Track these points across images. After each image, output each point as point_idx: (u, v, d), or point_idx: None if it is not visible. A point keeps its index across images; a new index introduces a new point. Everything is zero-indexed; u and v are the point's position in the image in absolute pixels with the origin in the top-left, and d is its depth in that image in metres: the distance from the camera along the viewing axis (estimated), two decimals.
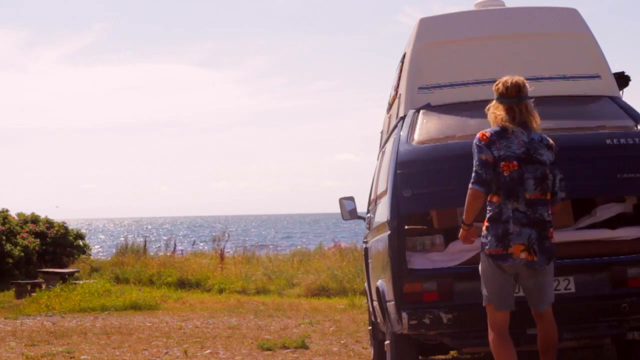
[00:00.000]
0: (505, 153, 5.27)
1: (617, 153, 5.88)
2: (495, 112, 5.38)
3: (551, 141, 5.39)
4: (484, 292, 5.37)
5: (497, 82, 5.44)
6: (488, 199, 5.34)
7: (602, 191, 5.99)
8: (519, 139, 5.30)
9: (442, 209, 6.26)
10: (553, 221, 5.37)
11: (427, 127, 6.37)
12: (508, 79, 5.37)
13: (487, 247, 5.31)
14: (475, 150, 5.31)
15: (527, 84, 5.37)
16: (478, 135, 5.34)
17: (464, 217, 5.37)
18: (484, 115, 5.50)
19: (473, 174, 5.27)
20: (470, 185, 5.26)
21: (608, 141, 5.91)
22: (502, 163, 5.26)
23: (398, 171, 6.00)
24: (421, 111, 6.55)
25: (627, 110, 6.33)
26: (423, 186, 5.95)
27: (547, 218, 5.29)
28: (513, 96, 5.33)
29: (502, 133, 5.30)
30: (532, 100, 5.40)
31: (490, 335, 5.30)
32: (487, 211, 5.35)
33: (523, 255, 5.24)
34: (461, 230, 5.45)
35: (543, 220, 5.27)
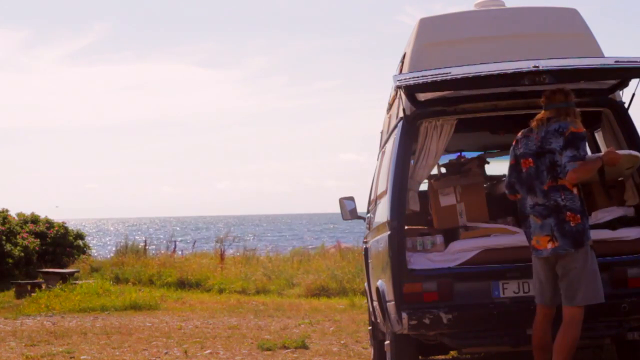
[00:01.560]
0: (523, 150, 5.71)
1: None
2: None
3: (568, 129, 5.53)
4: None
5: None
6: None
7: None
8: (537, 135, 5.65)
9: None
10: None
11: None
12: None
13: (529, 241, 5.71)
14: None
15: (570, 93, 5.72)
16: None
17: None
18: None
19: (505, 178, 5.93)
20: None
21: None
22: (522, 160, 5.71)
23: None
24: None
25: None
26: None
27: (562, 202, 5.49)
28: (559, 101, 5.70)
29: (528, 132, 5.75)
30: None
31: None
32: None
33: (550, 245, 5.48)
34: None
35: (558, 205, 5.49)
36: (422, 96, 6.36)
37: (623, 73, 6.05)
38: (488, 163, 7.75)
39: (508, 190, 5.85)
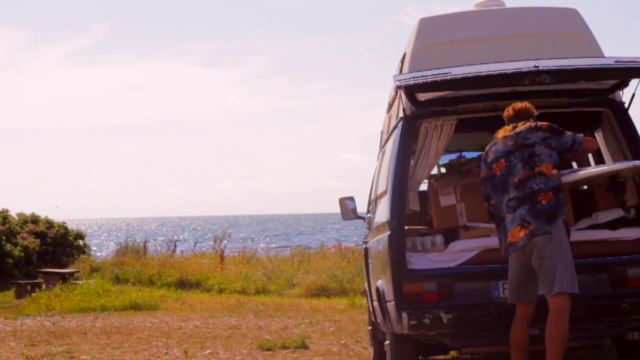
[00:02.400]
0: (494, 156, 5.76)
1: None
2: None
3: (543, 123, 5.71)
4: None
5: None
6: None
7: None
8: (506, 139, 5.74)
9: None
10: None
11: None
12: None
13: (503, 251, 5.70)
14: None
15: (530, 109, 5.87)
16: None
17: None
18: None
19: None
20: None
21: None
22: (493, 165, 5.74)
23: None
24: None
25: None
26: None
27: (536, 187, 5.54)
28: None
29: (493, 143, 5.84)
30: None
31: None
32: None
33: (522, 233, 5.50)
34: None
35: (532, 191, 5.53)
36: (422, 96, 6.36)
37: (623, 73, 6.05)
38: None
39: (485, 202, 5.89)
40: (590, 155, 7.52)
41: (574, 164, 7.72)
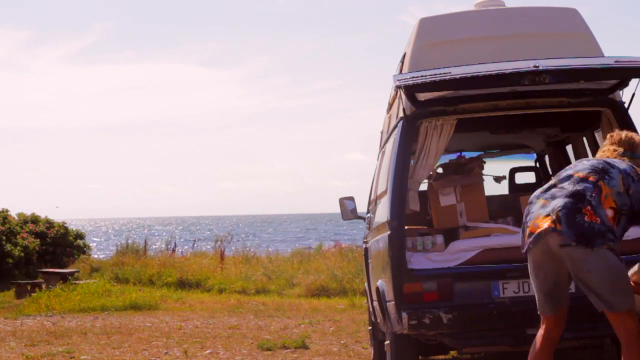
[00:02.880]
0: None
1: None
2: None
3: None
4: None
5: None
6: None
7: None
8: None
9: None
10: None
11: None
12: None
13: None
14: None
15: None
16: None
17: None
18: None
19: None
20: None
21: None
22: None
23: None
24: None
25: None
26: None
27: (588, 196, 4.83)
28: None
29: None
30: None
31: None
32: None
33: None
34: None
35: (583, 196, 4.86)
36: (422, 96, 6.36)
37: (623, 73, 6.05)
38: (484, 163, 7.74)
39: None
40: (590, 156, 7.52)
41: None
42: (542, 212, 4.80)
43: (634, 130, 6.31)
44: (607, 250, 4.69)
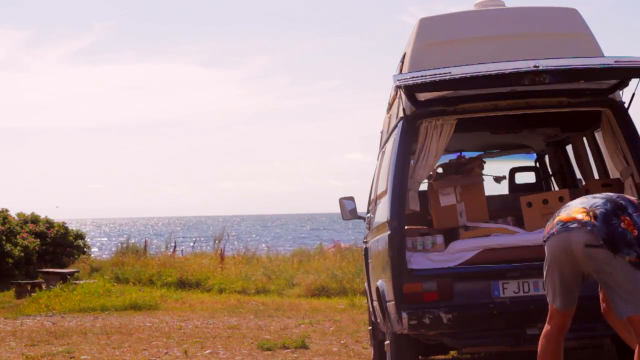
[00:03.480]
0: None
1: None
2: None
3: None
4: None
5: None
6: None
7: None
8: None
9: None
10: None
11: None
12: None
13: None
14: None
15: None
16: None
17: None
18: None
19: None
20: None
21: None
22: None
23: None
24: None
25: None
26: None
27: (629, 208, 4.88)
28: None
29: None
30: None
31: None
32: None
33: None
34: None
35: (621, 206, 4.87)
36: (422, 96, 6.36)
37: (623, 73, 6.05)
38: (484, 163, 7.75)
39: None
40: (590, 156, 7.53)
41: (577, 170, 7.72)
42: (579, 206, 4.81)
43: (634, 130, 6.31)
44: (628, 262, 4.67)
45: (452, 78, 5.83)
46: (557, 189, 8.36)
